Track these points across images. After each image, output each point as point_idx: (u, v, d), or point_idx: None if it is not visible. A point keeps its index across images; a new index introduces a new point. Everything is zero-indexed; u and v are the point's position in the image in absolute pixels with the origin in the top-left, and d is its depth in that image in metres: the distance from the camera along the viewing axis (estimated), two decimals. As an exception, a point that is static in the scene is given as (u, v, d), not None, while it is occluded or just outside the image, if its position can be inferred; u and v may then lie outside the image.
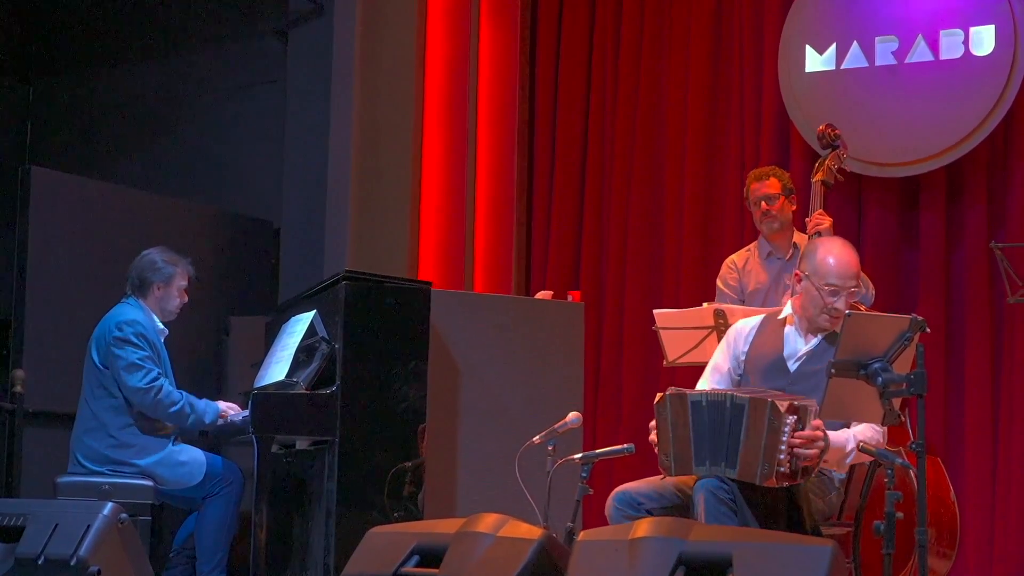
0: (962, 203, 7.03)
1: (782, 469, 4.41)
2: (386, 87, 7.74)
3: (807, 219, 6.16)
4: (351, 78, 7.74)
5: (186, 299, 6.36)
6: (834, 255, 4.73)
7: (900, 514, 4.12)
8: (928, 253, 7.05)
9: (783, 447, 4.40)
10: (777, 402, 4.39)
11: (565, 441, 5.18)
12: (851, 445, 4.56)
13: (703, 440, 4.52)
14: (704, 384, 4.94)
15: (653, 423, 4.62)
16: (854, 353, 4.25)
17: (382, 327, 6.04)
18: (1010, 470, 6.70)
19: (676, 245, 7.63)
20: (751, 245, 6.50)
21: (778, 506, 4.56)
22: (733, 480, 4.47)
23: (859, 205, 7.26)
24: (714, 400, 4.53)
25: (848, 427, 4.63)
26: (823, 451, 4.46)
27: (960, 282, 7.00)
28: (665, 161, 7.76)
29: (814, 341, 4.80)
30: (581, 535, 4.07)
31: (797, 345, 4.83)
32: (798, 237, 6.31)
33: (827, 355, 4.65)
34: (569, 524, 4.78)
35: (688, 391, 4.61)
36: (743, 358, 4.92)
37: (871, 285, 6.20)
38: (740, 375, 4.91)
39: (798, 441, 4.39)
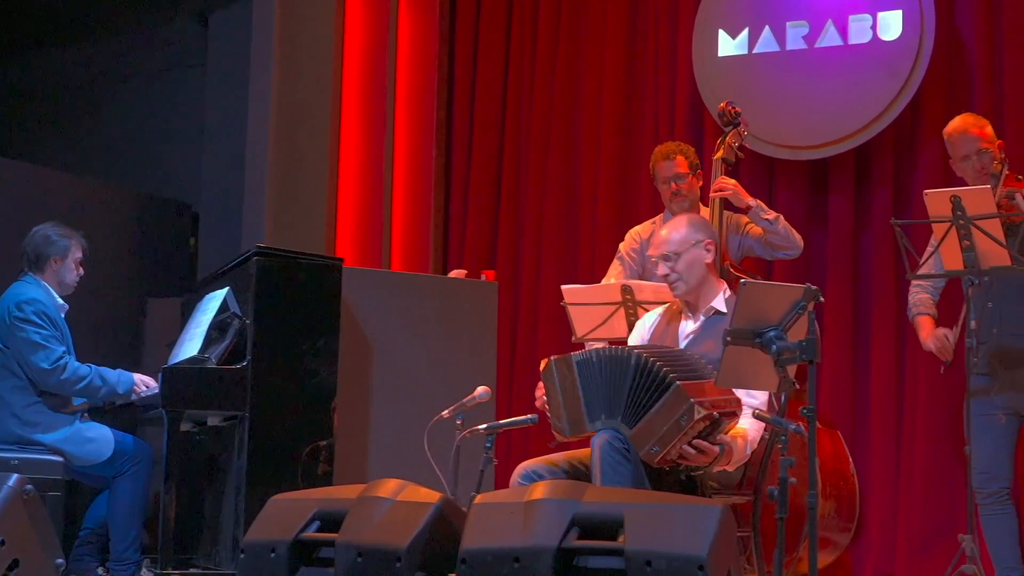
0: (870, 185, 7.14)
1: (668, 457, 4.51)
2: (305, 70, 7.77)
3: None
4: (270, 61, 7.76)
5: (82, 272, 6.33)
6: (664, 227, 5.00)
7: (794, 479, 4.19)
8: (836, 234, 7.15)
9: (678, 445, 4.47)
10: (697, 407, 4.40)
11: (475, 415, 5.23)
12: (749, 449, 4.69)
13: (595, 397, 4.60)
14: None
15: (539, 391, 4.69)
16: (750, 322, 4.32)
17: (293, 303, 6.07)
18: (913, 445, 6.82)
19: (591, 225, 7.71)
20: (656, 218, 6.53)
21: (672, 476, 4.65)
22: None
23: (770, 187, 7.35)
24: (612, 355, 4.59)
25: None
26: (713, 463, 4.57)
27: (867, 263, 7.11)
28: (581, 143, 7.84)
29: (699, 321, 4.92)
30: (478, 498, 4.12)
31: (686, 327, 4.96)
32: (704, 212, 6.38)
33: (708, 334, 4.83)
34: (473, 493, 4.81)
35: (573, 354, 4.69)
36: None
37: (795, 235, 6.23)
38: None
39: (691, 451, 4.48)
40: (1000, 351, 5.57)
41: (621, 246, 6.52)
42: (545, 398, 4.73)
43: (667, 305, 5.18)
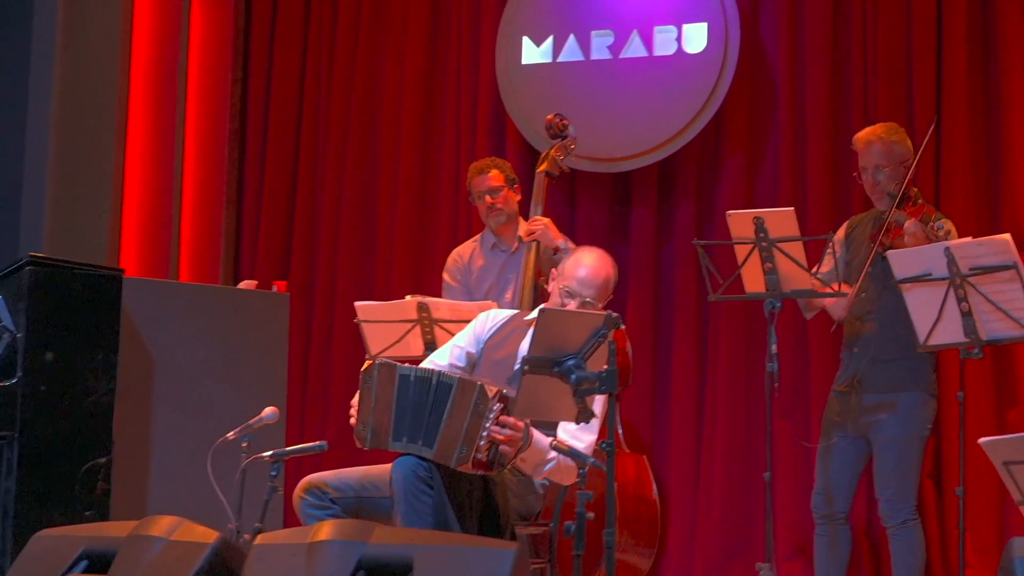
0: (672, 199, 7.06)
1: (479, 456, 4.34)
2: (89, 66, 7.36)
3: (530, 218, 6.12)
4: (52, 57, 7.34)
5: None
6: (587, 263, 4.78)
7: (591, 514, 4.04)
8: (639, 248, 7.06)
9: (484, 432, 4.32)
10: (486, 386, 4.32)
11: (262, 437, 5.01)
12: (551, 454, 4.50)
13: (404, 415, 4.42)
14: (442, 358, 4.87)
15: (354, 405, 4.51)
16: (548, 350, 4.16)
17: (69, 316, 5.72)
18: (713, 465, 6.76)
19: (389, 235, 7.49)
20: (477, 236, 6.41)
21: (474, 494, 4.49)
22: (431, 461, 4.38)
23: (571, 199, 7.23)
24: (421, 376, 4.44)
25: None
26: (523, 446, 4.40)
27: (669, 278, 7.03)
28: (379, 151, 7.60)
29: None
30: (259, 538, 3.88)
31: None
32: (524, 227, 6.24)
33: None
34: (257, 524, 4.61)
35: (399, 364, 4.50)
36: (482, 345, 4.87)
37: None
38: (477, 360, 4.85)
39: (500, 433, 4.32)
40: (857, 375, 5.51)
41: (445, 272, 6.38)
42: (358, 404, 4.52)
43: (518, 312, 5.03)
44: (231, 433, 4.96)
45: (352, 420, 4.51)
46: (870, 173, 5.55)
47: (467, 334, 4.94)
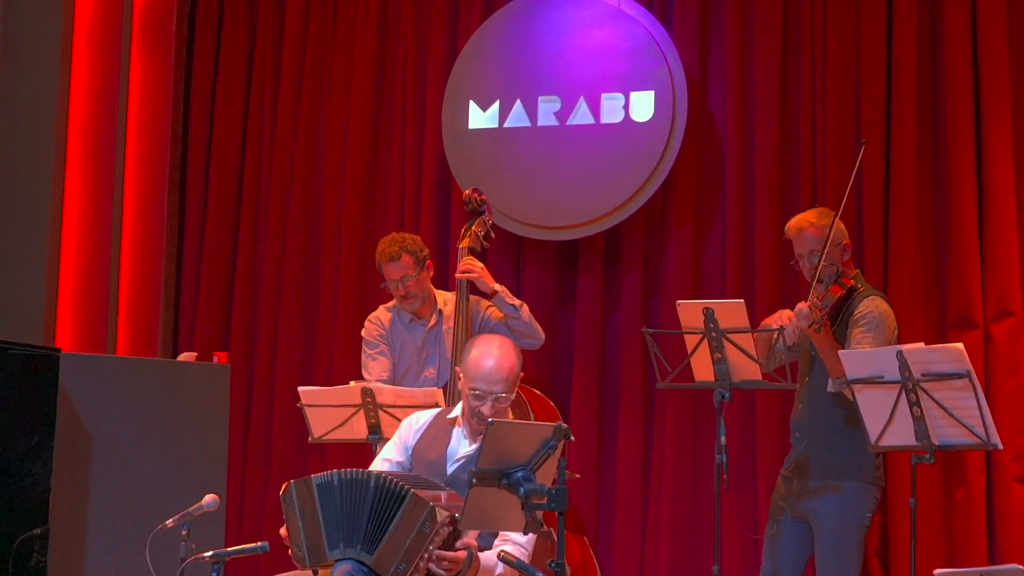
0: (619, 268, 7.00)
1: (417, 575, 4.27)
2: (23, 124, 7.18)
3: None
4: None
5: None
6: (486, 358, 4.60)
7: (544, 630, 4.00)
8: (584, 316, 7.00)
9: (426, 555, 4.26)
10: (438, 509, 4.23)
11: (202, 524, 4.92)
12: (500, 569, 4.44)
13: (336, 523, 4.35)
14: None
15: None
16: (496, 462, 4.08)
17: (4, 398, 5.62)
18: (657, 546, 6.69)
19: (331, 301, 7.38)
20: (391, 304, 6.27)
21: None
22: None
23: (518, 265, 7.15)
24: (352, 479, 4.36)
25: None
26: (464, 571, 4.32)
27: (615, 347, 6.97)
28: (323, 214, 7.49)
29: (475, 445, 4.65)
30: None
31: (460, 447, 4.70)
32: (441, 298, 6.15)
33: None
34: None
35: (314, 476, 4.41)
36: (410, 452, 4.76)
37: (539, 328, 6.09)
38: (409, 469, 4.74)
39: (441, 563, 4.26)
40: (798, 458, 5.47)
41: (367, 334, 6.21)
42: (287, 531, 4.44)
43: (440, 411, 4.91)
44: (170, 520, 4.87)
45: (288, 550, 4.44)
46: (806, 259, 5.51)
47: (393, 446, 4.82)
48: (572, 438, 4.20)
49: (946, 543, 6.31)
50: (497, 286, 6.05)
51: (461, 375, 4.70)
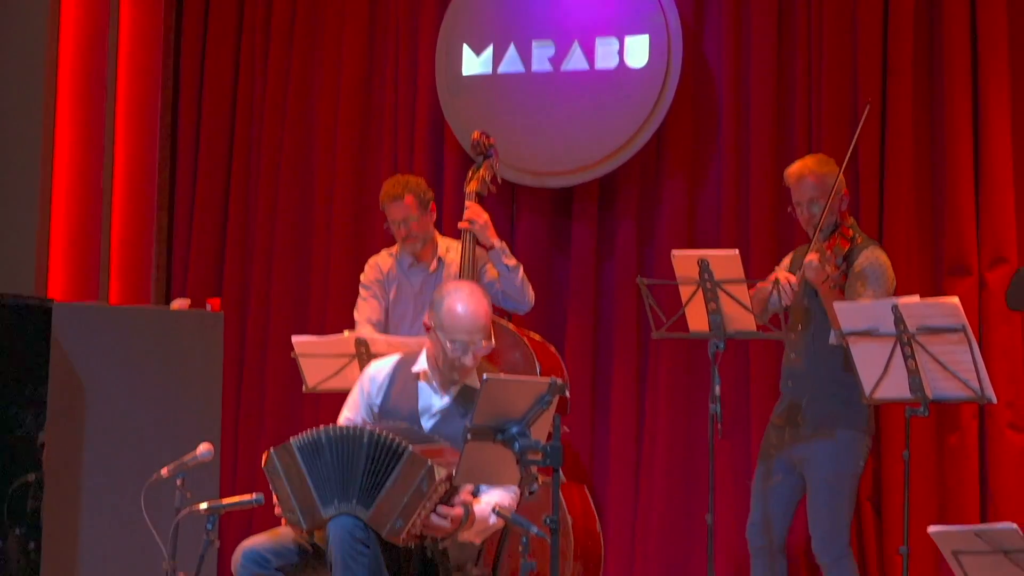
0: (614, 215, 6.96)
1: (413, 531, 4.32)
2: (11, 79, 7.12)
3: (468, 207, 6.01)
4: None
5: None
6: (461, 307, 4.56)
7: (537, 581, 4.01)
8: (579, 264, 6.97)
9: (423, 513, 4.29)
10: (436, 467, 4.25)
11: (196, 473, 4.90)
12: (493, 519, 4.47)
13: (327, 480, 4.38)
14: None
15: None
16: (491, 418, 4.11)
17: (-3, 348, 5.63)
18: (651, 494, 6.70)
19: (325, 247, 7.33)
20: (393, 249, 6.25)
21: (412, 549, 4.45)
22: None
23: (512, 212, 7.11)
24: (343, 435, 4.38)
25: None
26: (460, 527, 4.37)
27: (609, 295, 6.94)
28: (315, 161, 7.43)
29: (447, 397, 4.65)
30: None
31: (431, 401, 4.68)
32: (443, 244, 6.13)
33: (460, 414, 4.56)
34: (191, 576, 4.55)
35: (293, 439, 4.44)
36: (376, 410, 4.73)
37: (530, 292, 6.07)
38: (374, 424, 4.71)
39: (438, 520, 4.31)
40: (791, 409, 5.47)
41: (364, 278, 6.20)
42: (277, 501, 4.47)
43: (397, 359, 4.83)
44: (165, 470, 4.85)
45: (282, 519, 4.47)
46: (804, 207, 5.49)
47: (354, 404, 4.78)
48: (567, 393, 4.22)
49: (938, 490, 6.33)
50: (497, 241, 6.03)
51: (433, 327, 4.62)
